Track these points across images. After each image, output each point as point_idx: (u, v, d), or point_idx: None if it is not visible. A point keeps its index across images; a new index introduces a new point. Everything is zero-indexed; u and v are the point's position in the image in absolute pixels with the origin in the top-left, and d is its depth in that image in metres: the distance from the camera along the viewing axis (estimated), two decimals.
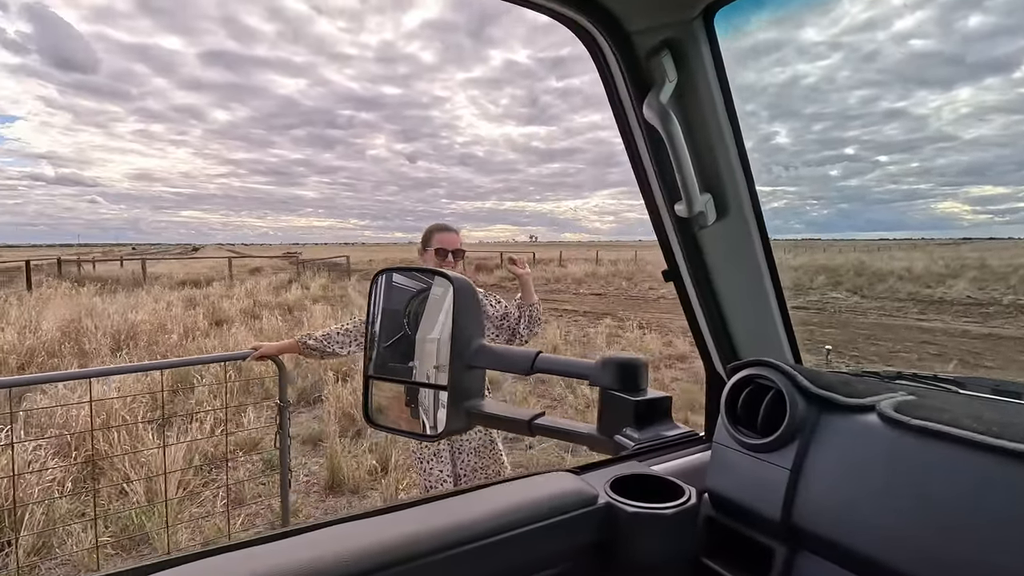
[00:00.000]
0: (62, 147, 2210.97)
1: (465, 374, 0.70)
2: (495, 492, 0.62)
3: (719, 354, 0.91)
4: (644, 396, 0.70)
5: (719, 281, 0.85)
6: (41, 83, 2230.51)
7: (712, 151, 0.74)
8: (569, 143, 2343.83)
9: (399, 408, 0.78)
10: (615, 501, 0.62)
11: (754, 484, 0.63)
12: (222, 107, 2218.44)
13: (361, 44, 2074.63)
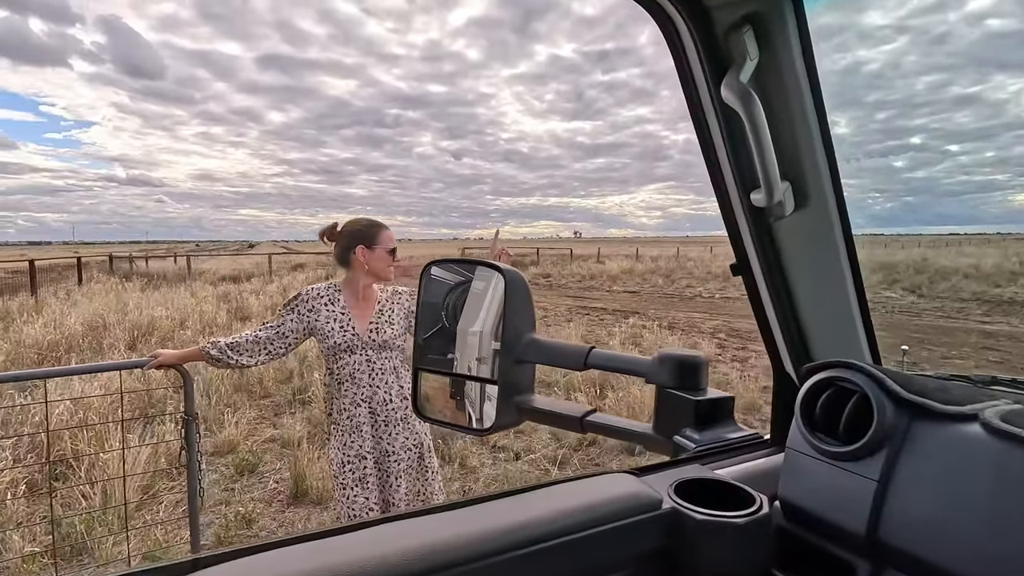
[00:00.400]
0: (132, 150, 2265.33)
1: (515, 368, 0.69)
2: (552, 493, 0.60)
3: (790, 354, 0.86)
4: (705, 395, 0.68)
5: (794, 276, 0.81)
6: (114, 90, 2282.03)
7: (794, 136, 0.70)
8: (615, 137, 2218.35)
9: (444, 399, 0.77)
10: (681, 507, 0.59)
11: (835, 494, 0.60)
12: (277, 109, 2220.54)
13: (408, 44, 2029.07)
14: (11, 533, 2.91)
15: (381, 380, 2.17)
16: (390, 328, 2.19)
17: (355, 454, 2.17)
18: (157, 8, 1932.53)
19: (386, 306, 2.24)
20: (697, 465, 0.68)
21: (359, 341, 2.14)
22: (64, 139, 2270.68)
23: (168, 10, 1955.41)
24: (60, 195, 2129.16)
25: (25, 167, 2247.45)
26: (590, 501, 0.58)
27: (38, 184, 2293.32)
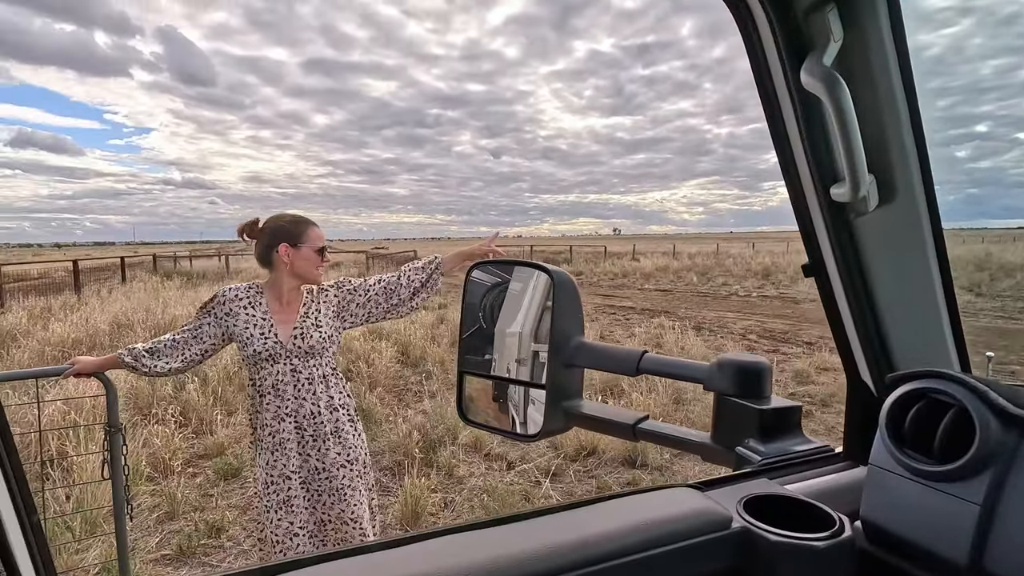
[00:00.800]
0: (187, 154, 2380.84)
1: (563, 372, 0.68)
2: (610, 508, 0.58)
3: (868, 361, 0.81)
4: (769, 404, 0.64)
5: (875, 276, 0.76)
6: (171, 97, 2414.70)
7: (881, 124, 0.65)
8: (655, 132, 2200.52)
9: (487, 402, 0.76)
10: (753, 526, 0.55)
11: (929, 518, 0.55)
12: (321, 111, 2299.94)
13: (448, 44, 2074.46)
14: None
15: (308, 391, 1.98)
16: (317, 332, 1.99)
17: (279, 474, 1.98)
18: (209, 17, 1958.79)
19: (311, 307, 2.03)
20: (765, 480, 0.64)
21: (282, 349, 1.95)
22: (125, 145, 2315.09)
23: (220, 19, 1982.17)
24: (122, 198, 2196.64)
25: (91, 172, 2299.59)
26: (653, 517, 0.55)
27: (102, 188, 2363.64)
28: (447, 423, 4.60)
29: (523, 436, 0.71)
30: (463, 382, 0.78)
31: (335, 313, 2.06)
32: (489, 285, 0.77)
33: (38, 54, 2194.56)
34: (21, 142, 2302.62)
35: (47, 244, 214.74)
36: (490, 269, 0.79)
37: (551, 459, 4.18)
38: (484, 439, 4.49)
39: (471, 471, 4.02)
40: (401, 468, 3.97)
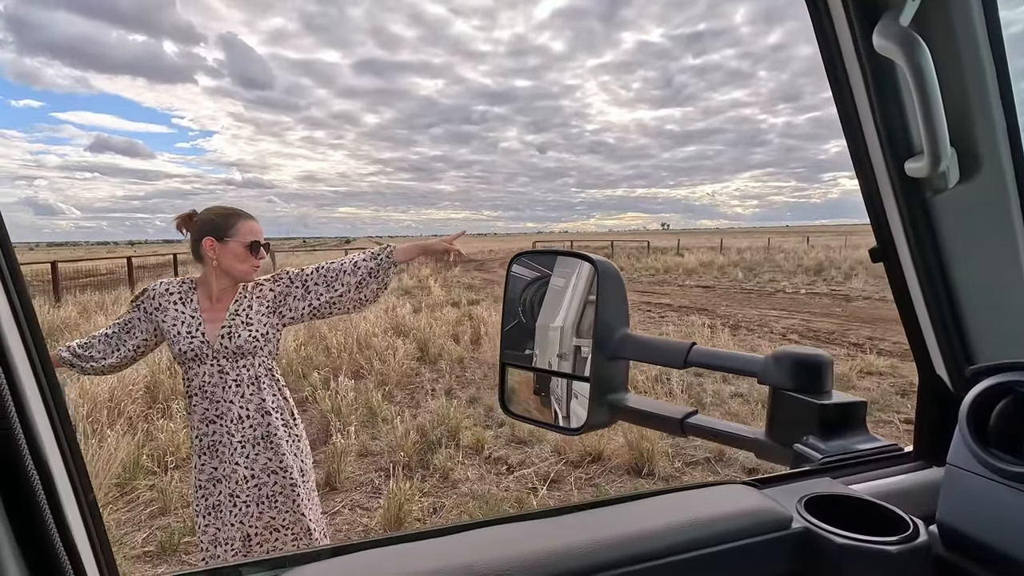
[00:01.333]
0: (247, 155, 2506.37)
1: (608, 365, 0.67)
2: (662, 504, 0.56)
3: (944, 353, 0.74)
4: (831, 399, 0.62)
5: (954, 260, 0.69)
6: (232, 101, 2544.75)
7: (964, 91, 0.59)
8: (707, 124, 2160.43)
9: (528, 395, 0.75)
10: (815, 527, 0.52)
11: (1016, 524, 0.51)
12: (371, 111, 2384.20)
13: (494, 40, 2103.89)
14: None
15: (236, 394, 1.85)
16: (246, 330, 1.85)
17: (207, 478, 1.88)
18: (267, 23, 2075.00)
19: (243, 304, 1.89)
20: (827, 479, 0.61)
21: (208, 349, 1.83)
22: (191, 147, 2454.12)
23: (276, 24, 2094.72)
24: (188, 198, 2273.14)
25: (161, 174, 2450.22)
26: (708, 515, 0.52)
27: (171, 189, 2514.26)
28: (449, 424, 4.47)
29: (566, 429, 0.71)
30: (505, 374, 0.77)
31: (270, 308, 1.92)
32: (528, 280, 0.76)
33: (114, 64, 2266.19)
34: (99, 147, 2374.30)
35: (122, 242, 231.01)
36: (532, 261, 0.77)
37: (553, 464, 3.98)
38: (486, 441, 4.34)
39: (468, 475, 3.87)
40: (397, 470, 3.87)
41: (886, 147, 0.67)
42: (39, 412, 0.42)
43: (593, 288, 0.68)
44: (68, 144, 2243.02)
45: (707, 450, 4.15)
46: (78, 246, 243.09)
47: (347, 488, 3.71)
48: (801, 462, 0.63)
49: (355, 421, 4.63)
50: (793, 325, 9.51)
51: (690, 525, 0.51)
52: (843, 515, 0.54)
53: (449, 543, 0.48)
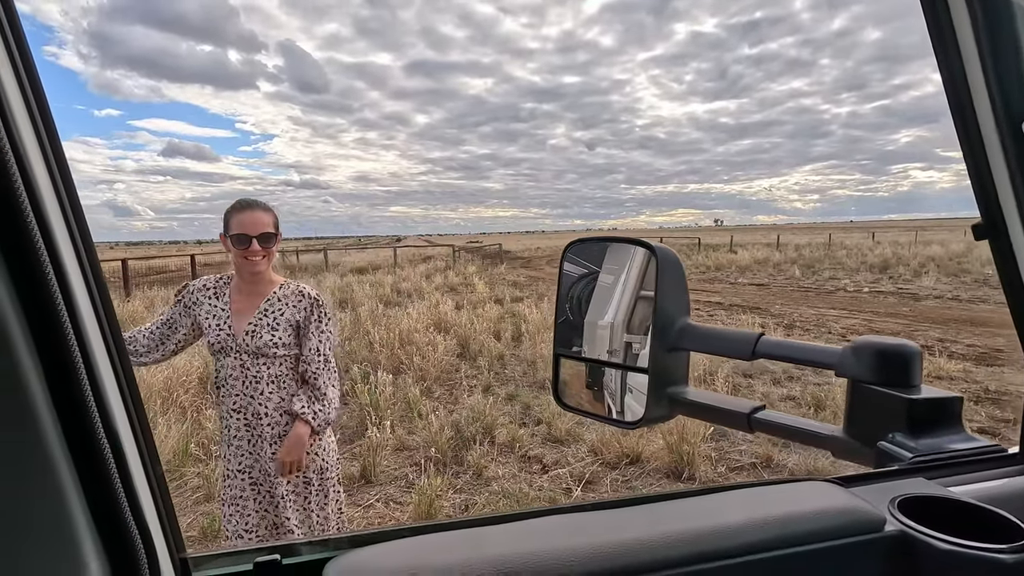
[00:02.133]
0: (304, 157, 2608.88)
1: (667, 357, 0.64)
2: (740, 498, 0.53)
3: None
4: (920, 394, 0.57)
5: None
6: (290, 105, 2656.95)
7: None
8: (764, 116, 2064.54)
9: (580, 387, 0.74)
10: (912, 530, 0.48)
11: None
12: (422, 111, 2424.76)
13: (542, 37, 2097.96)
14: None
15: (255, 390, 1.87)
16: (270, 334, 1.86)
17: (235, 468, 1.91)
18: (322, 29, 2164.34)
19: (274, 306, 1.90)
20: (920, 479, 0.57)
21: (233, 342, 1.86)
22: (253, 151, 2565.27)
23: (331, 29, 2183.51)
24: None
25: (226, 176, 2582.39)
26: (791, 512, 0.49)
27: (235, 190, 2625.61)
28: (484, 421, 4.44)
29: (622, 423, 0.69)
30: (558, 366, 0.76)
31: (298, 323, 1.92)
32: (576, 276, 0.74)
33: (184, 73, 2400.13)
34: (171, 152, 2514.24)
35: (191, 241, 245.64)
36: (587, 249, 0.75)
37: (589, 464, 3.88)
38: (522, 439, 4.28)
39: (501, 472, 3.83)
40: (430, 465, 3.87)
41: (997, 104, 0.61)
42: (112, 390, 0.43)
43: (645, 282, 0.66)
44: (143, 150, 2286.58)
45: (753, 455, 3.94)
46: (152, 245, 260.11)
47: (382, 482, 3.74)
48: (886, 461, 0.58)
49: (392, 416, 4.68)
50: (854, 325, 8.97)
51: (771, 522, 0.48)
52: (941, 519, 0.50)
53: (508, 530, 0.47)
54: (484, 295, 12.11)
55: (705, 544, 0.45)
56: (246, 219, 1.85)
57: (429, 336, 7.08)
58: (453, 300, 10.80)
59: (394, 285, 14.03)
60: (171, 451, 3.83)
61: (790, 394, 5.37)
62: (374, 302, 10.21)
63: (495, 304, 10.65)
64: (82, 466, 0.40)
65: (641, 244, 0.69)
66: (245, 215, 1.86)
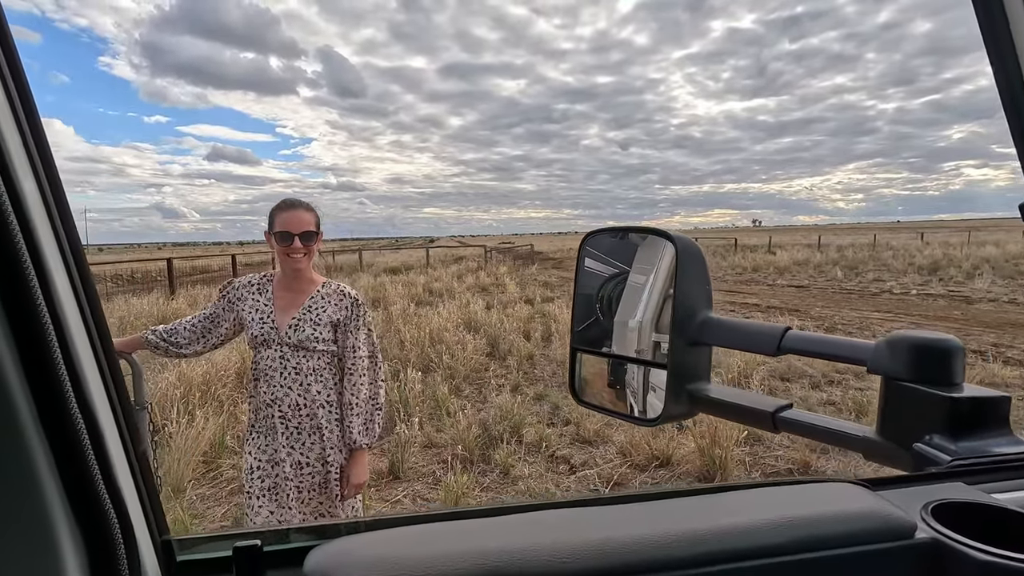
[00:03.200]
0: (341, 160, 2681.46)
1: (688, 352, 0.62)
2: (761, 497, 0.50)
3: None
4: (962, 392, 0.52)
5: None
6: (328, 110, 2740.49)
7: None
8: (804, 113, 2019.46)
9: (602, 385, 0.72)
10: (947, 539, 0.45)
11: None
12: (455, 114, 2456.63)
13: (576, 37, 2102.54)
14: None
15: (294, 381, 1.91)
16: (312, 329, 1.91)
17: (268, 459, 1.94)
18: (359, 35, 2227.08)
19: (317, 303, 1.95)
20: (959, 484, 0.55)
21: (276, 335, 1.92)
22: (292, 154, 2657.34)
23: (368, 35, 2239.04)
24: None
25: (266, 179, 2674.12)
26: (813, 514, 0.46)
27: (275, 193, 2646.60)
28: (512, 420, 4.42)
29: (640, 420, 0.67)
30: (576, 361, 0.73)
31: (338, 321, 1.96)
32: (607, 276, 0.73)
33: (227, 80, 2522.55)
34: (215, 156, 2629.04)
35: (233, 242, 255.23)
36: (608, 243, 0.72)
37: (618, 466, 3.82)
38: (550, 439, 4.25)
39: (528, 471, 3.80)
40: (457, 462, 3.88)
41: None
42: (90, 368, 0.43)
43: (673, 267, 0.63)
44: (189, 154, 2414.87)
45: (790, 460, 3.81)
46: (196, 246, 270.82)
47: (409, 478, 3.76)
48: (922, 465, 0.54)
49: (421, 413, 4.71)
50: (900, 328, 8.59)
51: (791, 524, 0.45)
52: (980, 527, 0.47)
53: (500, 523, 0.45)
54: (515, 295, 12.10)
55: (716, 544, 0.43)
56: (289, 217, 1.90)
57: (459, 335, 7.12)
58: (484, 300, 10.84)
59: (426, 285, 14.18)
60: (208, 443, 3.94)
61: (830, 399, 5.17)
62: (405, 301, 10.34)
63: (525, 304, 10.63)
64: (56, 444, 0.39)
65: (659, 233, 0.67)
66: (288, 214, 1.91)
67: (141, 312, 9.38)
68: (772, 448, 4.01)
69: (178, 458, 3.62)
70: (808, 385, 5.61)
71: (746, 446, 3.98)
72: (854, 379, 5.79)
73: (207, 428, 3.99)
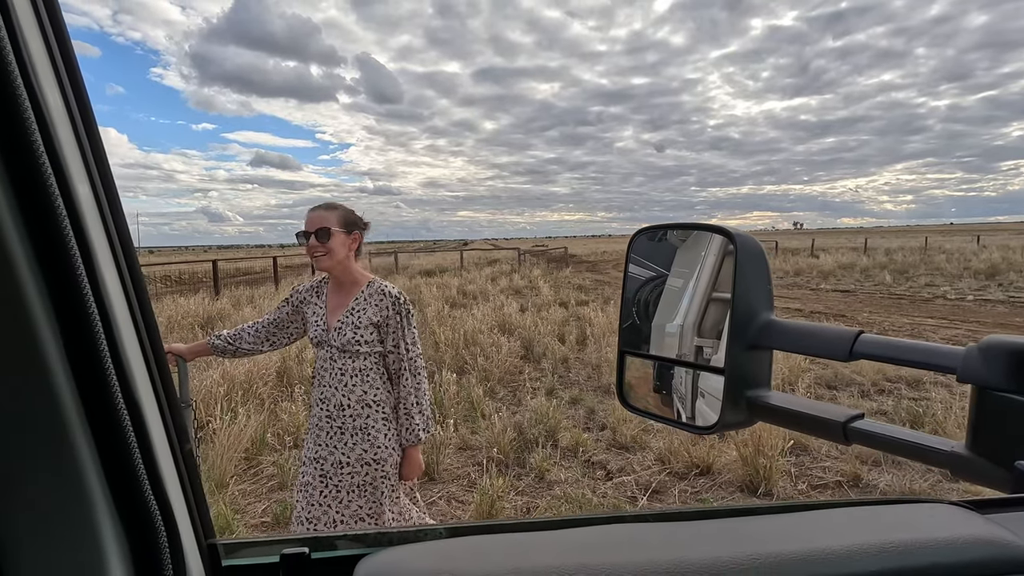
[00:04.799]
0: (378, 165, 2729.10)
1: (747, 356, 0.58)
2: (842, 518, 0.47)
3: None
4: None
5: None
6: (365, 115, 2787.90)
7: None
8: (849, 111, 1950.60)
9: (646, 391, 0.71)
10: None
11: None
12: (489, 118, 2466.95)
13: (611, 39, 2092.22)
14: None
15: (340, 383, 1.93)
16: (353, 332, 1.93)
17: (313, 456, 1.98)
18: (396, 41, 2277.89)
19: (360, 305, 1.96)
20: None
21: (327, 336, 1.96)
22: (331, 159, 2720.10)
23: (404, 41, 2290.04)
24: None
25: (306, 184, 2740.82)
26: (909, 539, 0.42)
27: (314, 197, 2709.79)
28: (548, 424, 4.37)
29: (695, 427, 0.62)
30: (624, 364, 0.71)
31: (379, 322, 1.97)
32: (644, 279, 0.71)
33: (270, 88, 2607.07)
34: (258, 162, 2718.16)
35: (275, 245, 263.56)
36: (655, 242, 0.70)
37: (655, 473, 3.72)
38: (585, 444, 4.18)
39: (564, 476, 3.74)
40: (492, 465, 3.85)
41: None
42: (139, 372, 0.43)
43: (719, 283, 0.61)
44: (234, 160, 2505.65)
45: (838, 472, 3.63)
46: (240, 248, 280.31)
47: (444, 480, 3.76)
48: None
49: (456, 415, 4.71)
50: (956, 336, 8.15)
51: (894, 549, 0.42)
52: None
53: (556, 538, 0.44)
54: (549, 298, 12.04)
55: (806, 570, 0.39)
56: (309, 217, 1.94)
57: (493, 337, 7.10)
58: (517, 303, 10.81)
59: (460, 287, 14.25)
60: (249, 440, 4.03)
61: (881, 408, 4.94)
62: (440, 303, 10.40)
63: (560, 307, 10.56)
64: (101, 441, 0.38)
65: (718, 231, 0.62)
66: (309, 215, 1.94)
67: (188, 312, 9.72)
68: (819, 459, 3.85)
69: (221, 454, 3.71)
70: (857, 394, 5.37)
71: (792, 456, 3.83)
72: (906, 388, 5.51)
73: (248, 425, 4.08)
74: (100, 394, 0.38)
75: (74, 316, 0.37)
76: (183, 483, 0.47)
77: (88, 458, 0.38)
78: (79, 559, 0.38)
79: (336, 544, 0.47)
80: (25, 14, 0.36)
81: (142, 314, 0.45)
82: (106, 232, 0.43)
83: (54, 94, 0.39)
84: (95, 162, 0.42)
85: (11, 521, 0.37)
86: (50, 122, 0.37)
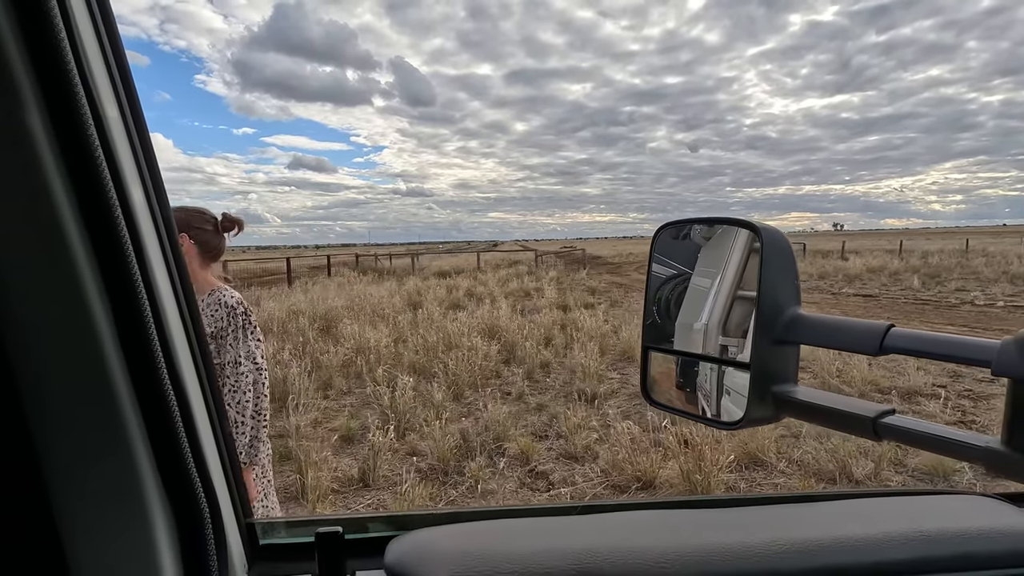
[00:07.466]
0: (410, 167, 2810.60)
1: (773, 351, 0.58)
2: (877, 508, 0.47)
3: None
4: None
5: None
6: (399, 118, 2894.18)
7: None
8: (894, 108, 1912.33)
9: (669, 386, 0.71)
10: None
11: None
12: (521, 119, 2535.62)
13: (643, 39, 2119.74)
14: None
15: None
16: None
17: None
18: (429, 44, 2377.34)
19: (203, 316, 1.91)
20: None
21: None
22: (365, 162, 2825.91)
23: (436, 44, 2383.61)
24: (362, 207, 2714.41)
25: (341, 186, 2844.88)
26: (944, 529, 0.42)
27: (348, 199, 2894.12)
28: (496, 431, 4.27)
29: (721, 423, 0.62)
30: (648, 359, 0.70)
31: (212, 335, 1.89)
32: (665, 277, 0.70)
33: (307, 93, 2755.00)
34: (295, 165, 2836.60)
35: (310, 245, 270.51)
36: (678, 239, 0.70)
37: (596, 484, 3.58)
38: (536, 452, 4.07)
39: (499, 487, 3.64)
40: (427, 473, 3.78)
41: None
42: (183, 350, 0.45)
43: (744, 281, 0.60)
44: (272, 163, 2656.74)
45: (789, 489, 3.42)
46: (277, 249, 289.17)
47: (380, 486, 3.71)
48: None
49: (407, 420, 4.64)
50: None
51: (918, 538, 0.42)
52: None
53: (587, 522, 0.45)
54: (551, 301, 11.90)
55: (840, 556, 0.39)
56: None
57: (473, 341, 7.03)
58: (518, 305, 10.72)
59: (469, 289, 14.25)
60: None
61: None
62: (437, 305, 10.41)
63: (559, 310, 10.41)
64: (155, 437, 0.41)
65: (744, 224, 0.62)
66: None
67: None
68: (772, 474, 3.64)
69: None
70: None
71: (746, 470, 3.63)
72: None
73: None
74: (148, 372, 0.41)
75: (130, 318, 0.40)
76: (223, 461, 0.49)
77: (141, 447, 0.41)
78: (133, 538, 0.41)
79: (368, 525, 0.50)
80: (88, 36, 0.40)
81: (187, 304, 0.49)
82: (156, 232, 0.46)
83: (112, 107, 0.42)
84: (147, 168, 0.45)
85: (75, 507, 0.40)
86: (108, 134, 0.40)
